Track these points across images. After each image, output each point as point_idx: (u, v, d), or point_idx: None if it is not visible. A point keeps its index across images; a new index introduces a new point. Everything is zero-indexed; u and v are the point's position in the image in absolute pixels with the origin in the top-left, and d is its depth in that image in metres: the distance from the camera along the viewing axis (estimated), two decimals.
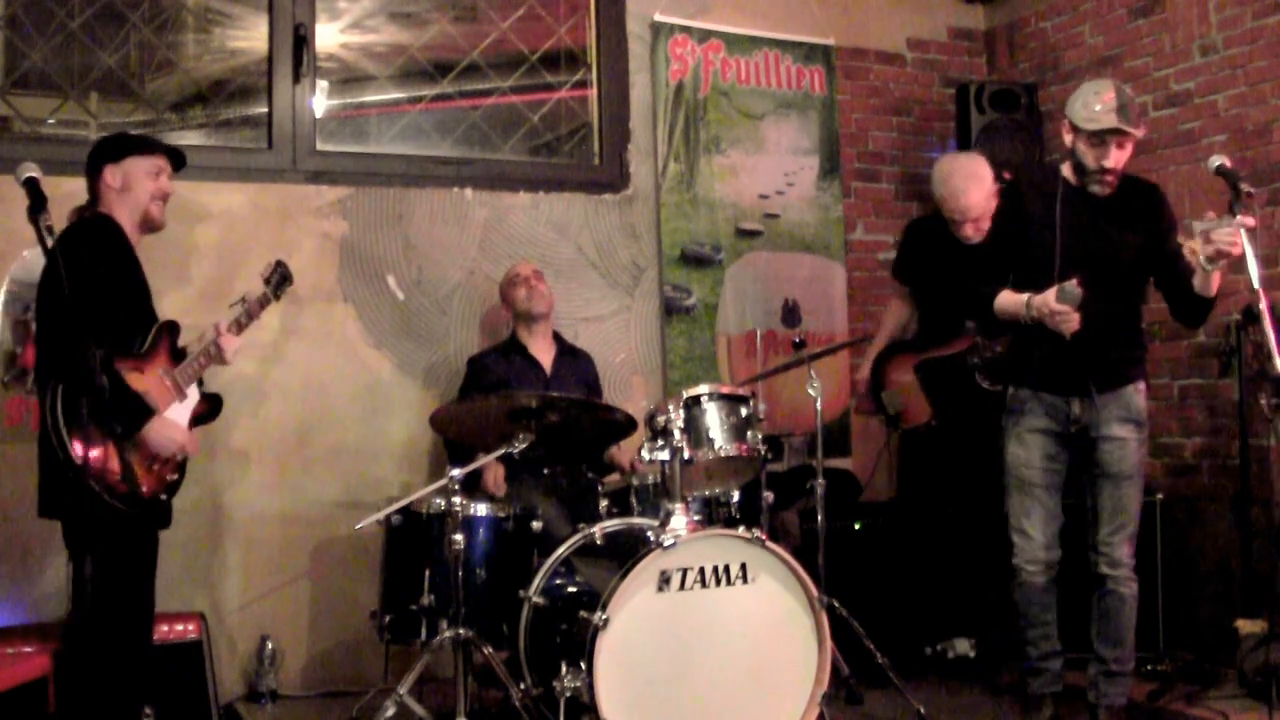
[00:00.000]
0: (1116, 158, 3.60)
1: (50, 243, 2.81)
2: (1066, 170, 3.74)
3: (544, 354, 4.61)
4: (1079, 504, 3.84)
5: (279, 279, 3.95)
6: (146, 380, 3.41)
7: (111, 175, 3.52)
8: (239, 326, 3.74)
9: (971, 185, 4.47)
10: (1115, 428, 3.71)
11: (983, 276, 3.82)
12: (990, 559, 4.43)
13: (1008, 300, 3.70)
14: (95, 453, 3.16)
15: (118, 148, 3.59)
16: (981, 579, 4.63)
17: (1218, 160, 3.47)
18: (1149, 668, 4.55)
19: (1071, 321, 3.55)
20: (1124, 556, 3.73)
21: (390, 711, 3.50)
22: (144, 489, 3.32)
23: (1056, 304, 3.53)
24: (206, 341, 3.64)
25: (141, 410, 3.34)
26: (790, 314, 5.53)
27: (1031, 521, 3.79)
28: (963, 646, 4.70)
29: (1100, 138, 3.58)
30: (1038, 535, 3.78)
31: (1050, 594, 3.83)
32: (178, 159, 3.70)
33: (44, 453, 3.31)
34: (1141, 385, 3.78)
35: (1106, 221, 3.68)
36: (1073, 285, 3.51)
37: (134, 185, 3.54)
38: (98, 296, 3.20)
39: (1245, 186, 3.37)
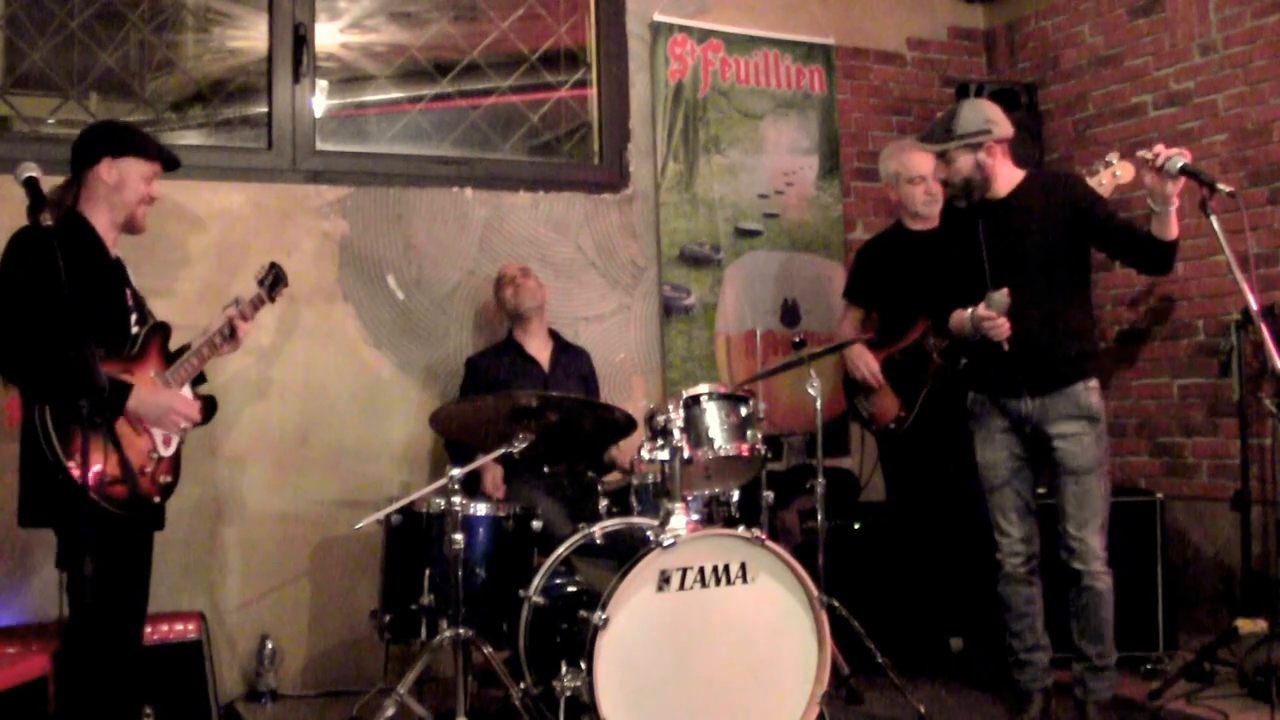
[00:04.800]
0: (942, 171, 3.91)
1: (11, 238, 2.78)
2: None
3: (541, 352, 4.61)
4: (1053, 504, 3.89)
5: (273, 280, 3.94)
6: (137, 381, 3.34)
7: (109, 170, 3.41)
8: (253, 309, 3.77)
9: (914, 151, 4.72)
10: (1065, 425, 3.80)
11: (936, 298, 4.09)
12: (975, 556, 4.43)
13: (956, 319, 3.96)
14: (91, 457, 3.09)
15: (121, 143, 3.46)
16: (968, 576, 4.63)
17: (1179, 161, 3.42)
18: (1149, 667, 4.56)
19: (1001, 328, 3.76)
20: (1095, 548, 3.78)
21: (390, 711, 3.50)
22: (140, 490, 3.29)
23: (984, 311, 3.77)
24: (210, 334, 3.60)
25: (117, 388, 3.21)
26: (790, 314, 5.53)
27: (1008, 519, 3.95)
28: (955, 644, 4.70)
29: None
30: (1014, 531, 3.94)
31: (1034, 587, 3.94)
32: (172, 166, 3.60)
33: (28, 459, 3.21)
34: (1093, 383, 3.83)
35: (1022, 221, 3.82)
36: (1001, 294, 3.73)
37: (127, 186, 3.43)
38: (64, 301, 3.00)
39: (1221, 185, 3.32)
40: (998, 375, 3.88)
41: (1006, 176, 3.87)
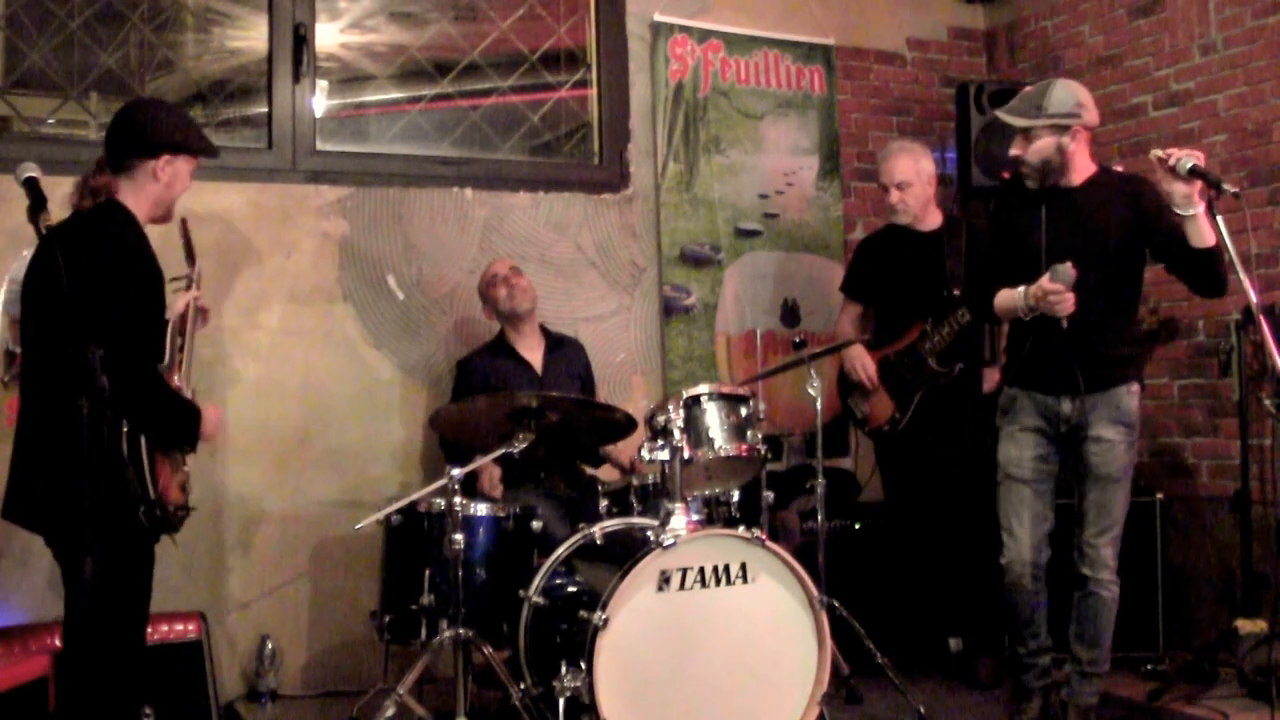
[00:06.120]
0: (1020, 148, 3.76)
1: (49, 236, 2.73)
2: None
3: (533, 352, 4.59)
4: (1069, 505, 3.85)
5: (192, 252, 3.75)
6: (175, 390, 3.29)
7: (164, 168, 3.24)
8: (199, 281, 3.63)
9: (901, 155, 4.71)
10: (1104, 429, 3.70)
11: (981, 278, 3.91)
12: (974, 556, 4.44)
13: (1005, 297, 3.76)
14: (161, 476, 3.09)
15: (182, 141, 3.29)
16: (967, 576, 4.63)
17: (1189, 162, 3.38)
18: (1149, 668, 4.55)
19: (1066, 302, 3.58)
20: (1107, 558, 3.72)
21: (390, 711, 3.50)
22: (183, 511, 3.25)
23: (1049, 284, 3.57)
24: (189, 326, 3.46)
25: (195, 415, 3.22)
26: (790, 314, 5.53)
27: (1020, 522, 3.80)
28: (955, 644, 4.70)
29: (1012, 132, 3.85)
30: (1025, 536, 3.79)
31: (1038, 593, 3.83)
32: (213, 156, 3.50)
33: (37, 460, 3.12)
34: (1135, 387, 3.75)
35: (1087, 215, 3.72)
36: (1065, 266, 3.55)
37: (176, 184, 3.30)
38: (110, 301, 3.00)
39: (1228, 186, 3.31)
40: (1044, 368, 3.75)
41: (1082, 166, 3.75)
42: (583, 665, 3.23)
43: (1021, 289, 3.67)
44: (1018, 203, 3.87)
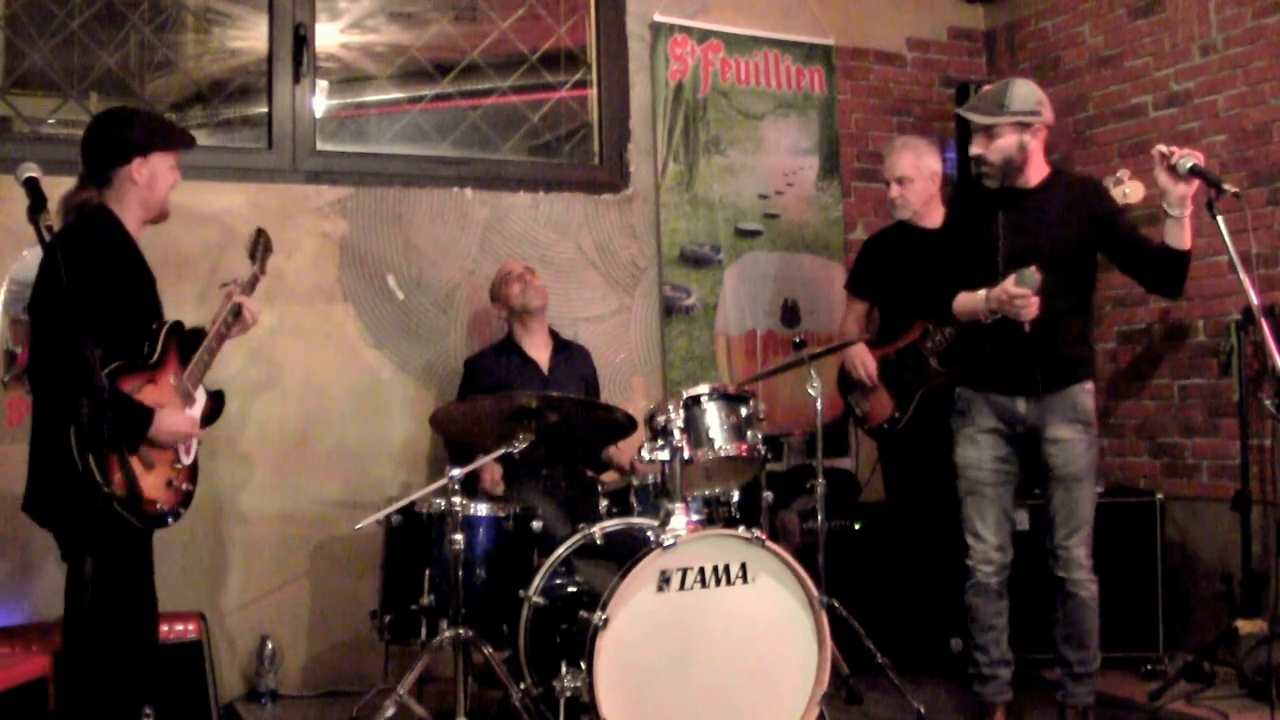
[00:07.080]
0: (982, 146, 3.72)
1: (49, 239, 2.76)
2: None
3: (540, 352, 4.60)
4: (1038, 506, 3.83)
5: (263, 250, 3.82)
6: (160, 393, 3.29)
7: (140, 170, 3.31)
8: (251, 287, 3.66)
9: (904, 151, 4.72)
10: (1062, 429, 3.71)
11: (941, 280, 3.91)
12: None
13: (965, 300, 3.77)
14: (121, 476, 3.09)
15: (149, 140, 3.34)
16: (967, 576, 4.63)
17: (1190, 161, 3.38)
18: (1149, 668, 4.56)
19: (1031, 306, 3.57)
20: (1081, 558, 3.72)
21: (390, 711, 3.50)
22: (164, 506, 3.27)
23: (1014, 288, 3.56)
24: (216, 324, 3.51)
25: (143, 416, 3.21)
26: (790, 314, 5.53)
27: (985, 524, 3.80)
28: (955, 645, 4.70)
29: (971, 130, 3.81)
30: (991, 537, 3.80)
31: (1003, 599, 3.82)
32: (191, 146, 3.53)
33: (43, 458, 3.18)
34: (1089, 385, 3.77)
35: (1044, 216, 3.72)
36: (1031, 271, 3.54)
37: (158, 182, 3.36)
38: (107, 304, 3.09)
39: (1228, 186, 3.30)
40: (999, 370, 3.77)
41: (1038, 166, 3.75)
42: (583, 665, 3.23)
43: (983, 292, 3.67)
44: (975, 203, 3.87)
